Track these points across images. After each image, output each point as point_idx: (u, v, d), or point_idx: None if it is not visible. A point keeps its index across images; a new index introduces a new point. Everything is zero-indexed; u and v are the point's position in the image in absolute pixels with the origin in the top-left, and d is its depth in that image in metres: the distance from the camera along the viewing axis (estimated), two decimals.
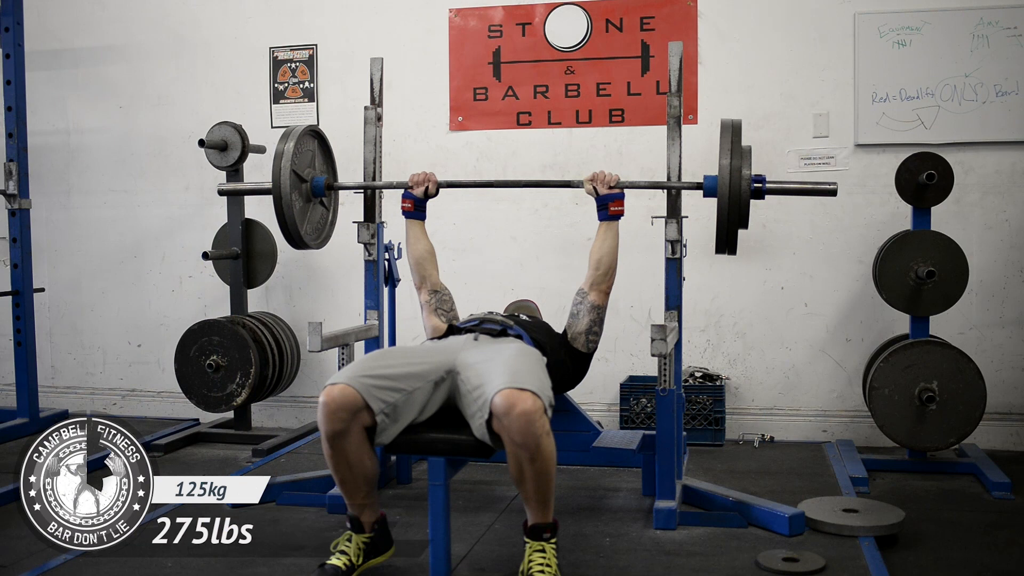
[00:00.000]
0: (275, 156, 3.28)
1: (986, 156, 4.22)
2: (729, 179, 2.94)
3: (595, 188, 3.18)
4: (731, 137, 2.98)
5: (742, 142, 3.04)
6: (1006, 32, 4.14)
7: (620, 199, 3.17)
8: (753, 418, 4.47)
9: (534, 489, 2.54)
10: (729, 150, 2.95)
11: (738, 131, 3.01)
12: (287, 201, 3.25)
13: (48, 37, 5.12)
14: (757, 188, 3.01)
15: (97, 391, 5.21)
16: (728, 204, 2.95)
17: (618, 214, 3.16)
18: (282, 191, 3.24)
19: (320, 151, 3.56)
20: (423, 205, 3.36)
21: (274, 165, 3.26)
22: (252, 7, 4.91)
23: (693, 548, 2.96)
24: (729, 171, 2.93)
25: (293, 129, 3.36)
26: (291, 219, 3.29)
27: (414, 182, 3.33)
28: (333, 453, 2.63)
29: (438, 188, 3.35)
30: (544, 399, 2.51)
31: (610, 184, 3.17)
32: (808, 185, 3.24)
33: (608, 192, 3.16)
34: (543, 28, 4.59)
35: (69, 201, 5.19)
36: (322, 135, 3.58)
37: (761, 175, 3.05)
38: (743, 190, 2.94)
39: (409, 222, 3.37)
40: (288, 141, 3.29)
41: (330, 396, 2.57)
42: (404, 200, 3.35)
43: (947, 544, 3.04)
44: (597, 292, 3.14)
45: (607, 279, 3.14)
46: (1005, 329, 4.25)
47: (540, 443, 2.46)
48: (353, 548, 2.72)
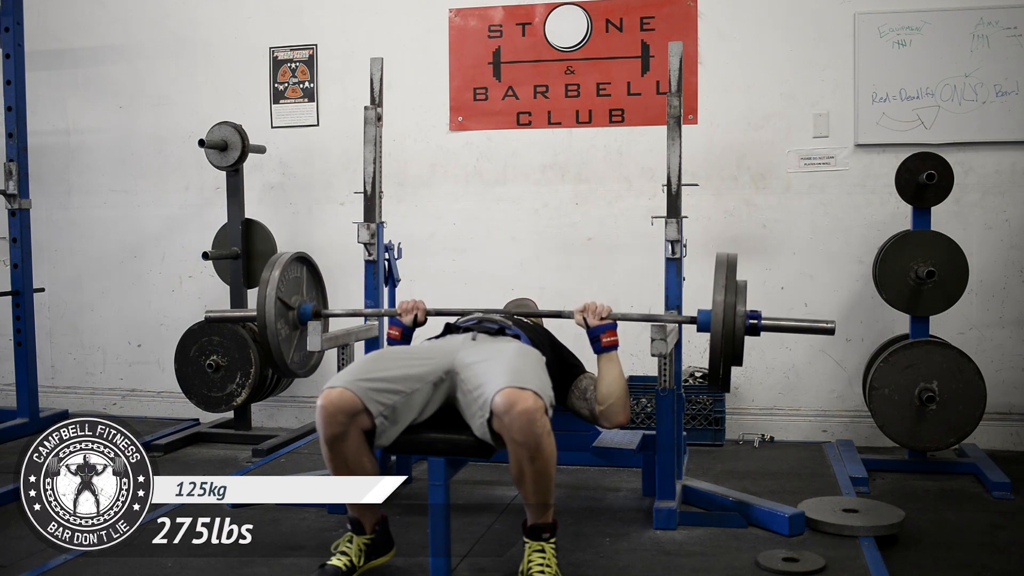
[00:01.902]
0: (260, 284, 3.19)
1: (986, 156, 4.22)
2: (723, 316, 2.79)
3: (585, 320, 2.99)
4: (726, 272, 2.85)
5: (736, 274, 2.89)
6: (1006, 32, 4.14)
7: (612, 329, 2.98)
8: (753, 418, 4.47)
9: (534, 489, 2.54)
10: (724, 286, 2.81)
11: (733, 266, 2.88)
12: (272, 331, 3.16)
13: (48, 37, 5.12)
14: (752, 325, 2.85)
15: (97, 391, 5.21)
16: (722, 341, 2.80)
17: (612, 345, 2.97)
18: (267, 320, 3.15)
19: (308, 276, 3.48)
20: (410, 334, 3.18)
21: (259, 293, 3.18)
22: (252, 7, 4.91)
23: (693, 548, 2.96)
24: (723, 307, 2.79)
25: (279, 257, 3.27)
26: (276, 348, 3.20)
27: (403, 310, 3.17)
28: (332, 456, 2.63)
29: (427, 317, 3.18)
30: (545, 398, 2.51)
31: (601, 315, 2.98)
32: (805, 323, 3.04)
33: (599, 324, 2.97)
34: (543, 28, 4.59)
35: (69, 201, 5.19)
36: (310, 261, 3.49)
37: (756, 311, 2.88)
38: (738, 327, 2.79)
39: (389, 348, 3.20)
40: (274, 269, 3.20)
41: (328, 400, 2.57)
42: (391, 327, 3.19)
43: (947, 544, 3.04)
44: (607, 422, 2.97)
45: (621, 411, 2.94)
46: (1005, 329, 4.25)
47: (541, 442, 2.46)
48: (354, 549, 2.72)
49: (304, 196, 4.89)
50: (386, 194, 3.81)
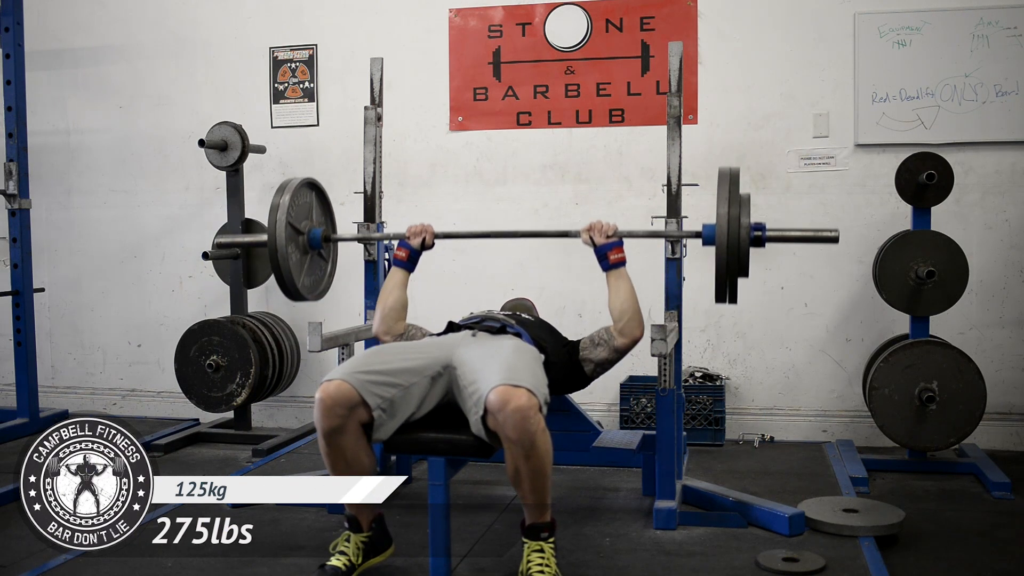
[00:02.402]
0: (270, 209, 3.22)
1: (986, 156, 4.22)
2: (728, 228, 2.83)
3: (592, 238, 3.06)
4: (729, 185, 2.88)
5: (740, 188, 2.94)
6: (1006, 32, 4.14)
7: (619, 247, 3.04)
8: (753, 418, 4.47)
9: (530, 487, 2.54)
10: (727, 198, 2.84)
11: (736, 179, 2.91)
12: (283, 254, 3.19)
13: (48, 37, 5.12)
14: (757, 236, 2.91)
15: (97, 391, 5.21)
16: (727, 254, 2.84)
17: (620, 261, 3.02)
18: (278, 244, 3.18)
19: (318, 202, 3.50)
20: (417, 257, 3.22)
21: (269, 218, 3.20)
22: (252, 7, 4.91)
23: (693, 548, 2.96)
24: (727, 220, 2.82)
25: (289, 182, 3.29)
26: (287, 273, 3.23)
27: (411, 232, 3.22)
28: (330, 450, 2.63)
29: (434, 240, 3.24)
30: (539, 396, 2.50)
31: (607, 233, 3.05)
32: (809, 232, 3.08)
33: (605, 242, 3.04)
34: (543, 28, 4.59)
35: (69, 201, 5.19)
36: (319, 186, 3.50)
37: (761, 223, 2.93)
38: (743, 239, 2.83)
39: (395, 269, 3.23)
40: (284, 194, 3.23)
41: (326, 392, 2.57)
42: (398, 248, 3.22)
43: (947, 544, 3.04)
44: (625, 339, 2.99)
45: (637, 326, 2.97)
46: (1005, 329, 4.25)
47: (535, 440, 2.46)
48: (352, 548, 2.72)
49: None
50: (386, 194, 3.81)
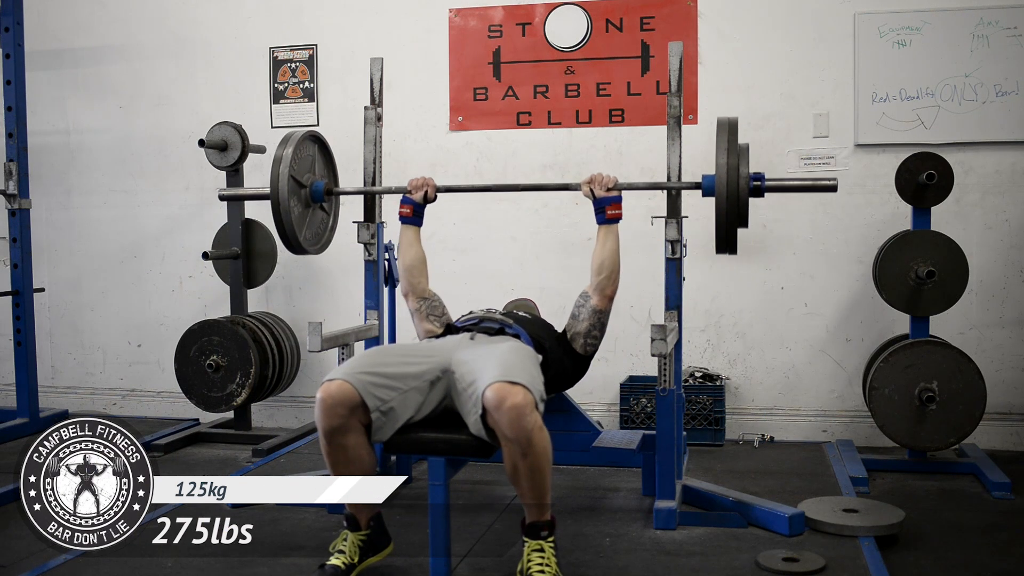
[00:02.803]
0: (273, 161, 3.25)
1: (986, 156, 4.22)
2: (727, 178, 2.89)
3: (592, 191, 3.13)
4: (728, 135, 2.94)
5: (739, 140, 3.01)
6: (1006, 32, 4.14)
7: (618, 202, 3.11)
8: (753, 418, 4.47)
9: (529, 485, 2.54)
10: (726, 148, 2.90)
11: (735, 129, 2.97)
12: (285, 207, 3.22)
13: (48, 37, 5.12)
14: (756, 186, 2.98)
15: (97, 391, 5.21)
16: (727, 203, 2.90)
17: (616, 217, 3.11)
18: (280, 197, 3.21)
19: (320, 155, 3.54)
20: (421, 211, 3.32)
21: (272, 171, 3.23)
22: (252, 7, 4.91)
23: (693, 548, 2.95)
24: (727, 169, 2.88)
25: (292, 134, 3.32)
26: (289, 225, 3.26)
27: (413, 187, 3.29)
28: (331, 450, 2.63)
29: (437, 193, 3.32)
30: (535, 393, 2.50)
31: (608, 186, 3.11)
32: (808, 182, 3.22)
33: (605, 195, 3.10)
34: (543, 28, 4.59)
35: (69, 201, 5.19)
36: (322, 139, 3.55)
37: (760, 173, 3.01)
38: (741, 188, 2.89)
39: (405, 227, 3.33)
40: (287, 147, 3.26)
41: (327, 392, 2.57)
42: (402, 205, 3.31)
43: (947, 544, 3.04)
44: (600, 296, 3.10)
45: (610, 283, 3.10)
46: (1005, 329, 4.25)
47: (532, 437, 2.46)
48: (350, 546, 2.72)
49: None
50: (386, 195, 3.80)
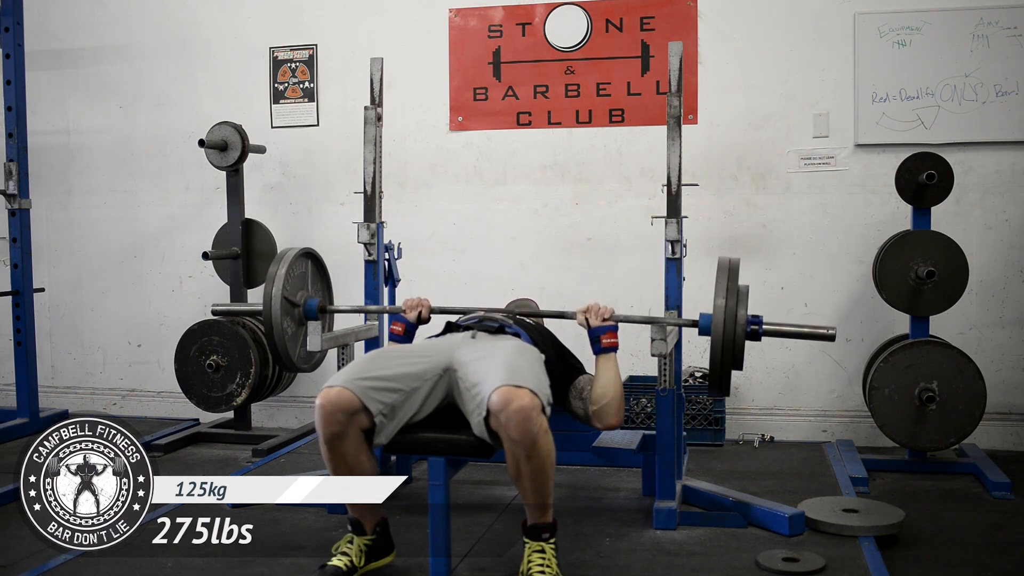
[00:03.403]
0: (266, 280, 3.19)
1: (986, 156, 4.22)
2: (724, 321, 2.78)
3: (587, 320, 3.00)
4: (728, 276, 2.84)
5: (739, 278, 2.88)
6: (1006, 32, 4.14)
7: (614, 331, 2.98)
8: (753, 418, 4.47)
9: (532, 488, 2.54)
10: (725, 290, 2.78)
11: (735, 271, 2.86)
12: (279, 330, 3.16)
13: (48, 37, 5.12)
14: (753, 330, 2.85)
15: (97, 391, 5.21)
16: (722, 346, 2.78)
17: (612, 346, 2.97)
18: (274, 319, 3.15)
19: (314, 271, 3.46)
20: (413, 331, 3.18)
21: (264, 290, 3.17)
22: (252, 7, 4.91)
23: (693, 548, 2.96)
24: (724, 312, 2.77)
25: (286, 253, 3.25)
26: (283, 346, 3.20)
27: (408, 306, 3.18)
28: (332, 456, 2.63)
29: (431, 314, 3.19)
30: (542, 397, 2.51)
31: (603, 316, 2.99)
32: (806, 329, 2.99)
33: (600, 324, 2.98)
34: (543, 28, 4.59)
35: (69, 201, 5.19)
36: (316, 256, 3.46)
37: (758, 316, 2.87)
38: (738, 334, 2.77)
39: (391, 345, 3.19)
40: (280, 266, 3.19)
41: (326, 399, 2.57)
42: (394, 323, 3.19)
43: (947, 544, 3.04)
44: (599, 423, 2.96)
45: (614, 414, 2.91)
46: (1005, 329, 4.25)
47: (537, 441, 2.46)
48: (355, 550, 2.72)
49: (304, 196, 4.89)
50: (386, 194, 3.81)
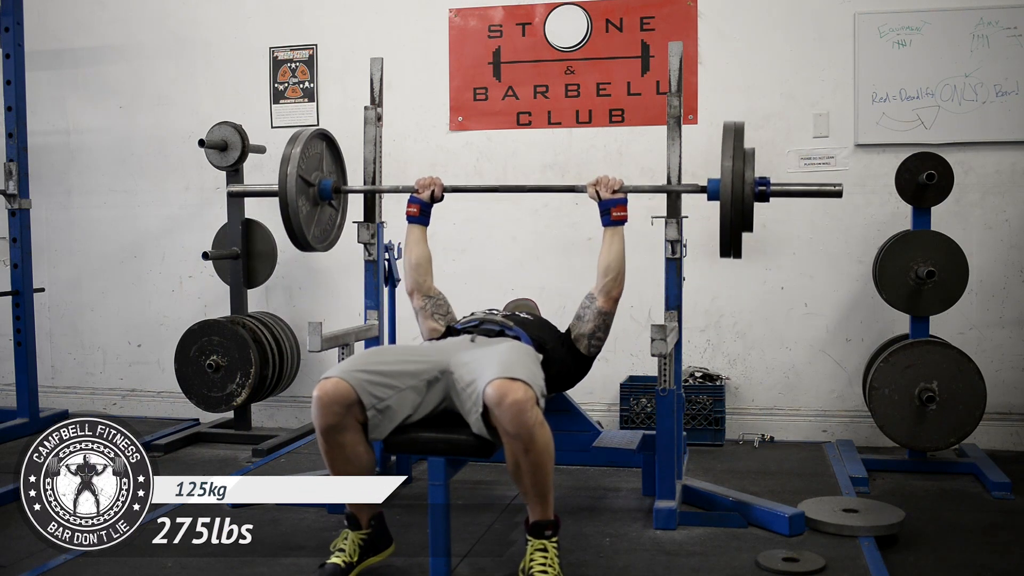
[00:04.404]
0: (282, 160, 3.23)
1: (986, 156, 4.22)
2: (732, 182, 2.88)
3: (598, 192, 3.14)
4: (733, 139, 2.94)
5: (744, 144, 3.01)
6: (1006, 32, 4.14)
7: (623, 204, 3.13)
8: (753, 418, 4.47)
9: (531, 483, 2.55)
10: (731, 153, 2.90)
11: (740, 133, 2.97)
12: (293, 208, 3.21)
13: (48, 37, 5.12)
14: (761, 191, 2.96)
15: (97, 391, 5.21)
16: (731, 207, 2.89)
17: (621, 219, 3.12)
18: (288, 197, 3.20)
19: (328, 153, 3.53)
20: (428, 210, 3.33)
21: (280, 169, 3.22)
22: (252, 7, 4.91)
23: (693, 548, 2.96)
24: (731, 174, 2.87)
25: (301, 133, 3.31)
26: (298, 224, 3.25)
27: (420, 185, 3.30)
28: (328, 448, 2.64)
29: (444, 192, 3.33)
30: (535, 389, 2.51)
31: (613, 188, 3.13)
32: (813, 187, 3.15)
33: (610, 197, 3.12)
34: (543, 28, 4.59)
35: (69, 201, 5.19)
36: (330, 137, 3.53)
37: (765, 178, 3.00)
38: (746, 194, 2.89)
39: (411, 226, 3.34)
40: (295, 146, 3.25)
41: (323, 390, 2.58)
42: (409, 204, 3.32)
43: (947, 544, 3.04)
44: (605, 298, 3.09)
45: (616, 285, 3.10)
46: (1005, 329, 4.25)
47: (534, 433, 2.46)
48: (350, 545, 2.72)
49: None
50: (386, 195, 3.80)
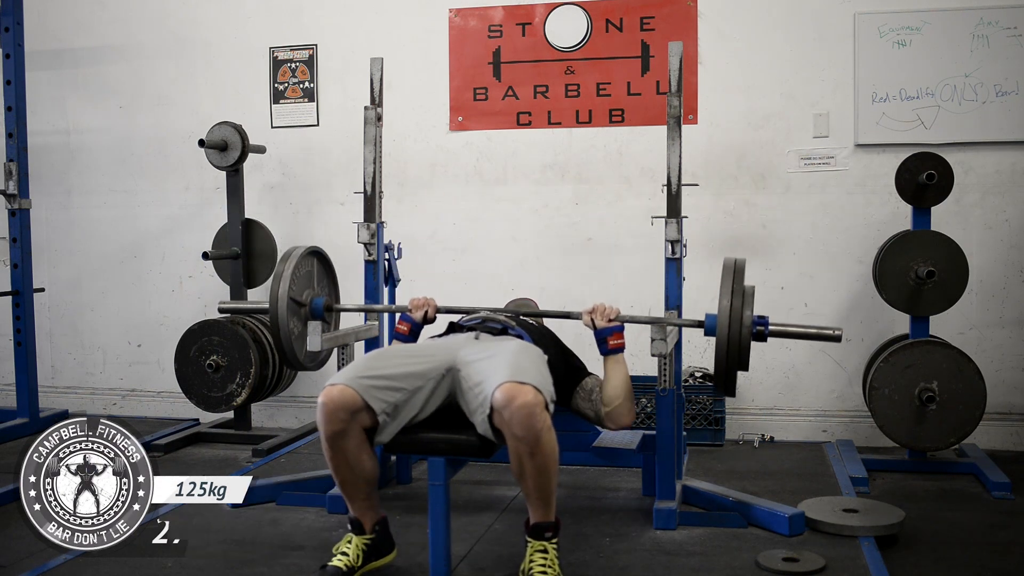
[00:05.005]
0: (272, 279, 3.20)
1: (986, 156, 4.22)
2: (729, 322, 2.77)
3: (593, 321, 3.00)
4: (733, 277, 2.84)
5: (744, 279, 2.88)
6: (1006, 32, 4.14)
7: (620, 332, 3.00)
8: (753, 418, 4.47)
9: (535, 485, 2.55)
10: (731, 291, 2.79)
11: (741, 271, 2.86)
12: (285, 330, 3.16)
13: (48, 37, 5.12)
14: (759, 331, 2.84)
15: (97, 391, 5.21)
16: (727, 347, 2.79)
17: (619, 347, 2.99)
18: (280, 320, 3.15)
19: (320, 270, 3.46)
20: (419, 331, 3.19)
21: (271, 288, 3.18)
22: (252, 7, 4.91)
23: (693, 548, 2.96)
24: (730, 314, 2.76)
25: (292, 252, 3.25)
26: (289, 346, 3.19)
27: (414, 305, 3.19)
28: (333, 454, 2.64)
29: (436, 314, 3.20)
30: (545, 394, 2.51)
31: (609, 317, 2.99)
32: (813, 330, 2.99)
33: (606, 326, 2.99)
34: (543, 28, 4.59)
35: (69, 201, 5.19)
36: (322, 254, 3.46)
37: (764, 317, 2.86)
38: (744, 335, 2.78)
39: (396, 343, 3.19)
40: (287, 266, 3.19)
41: (329, 397, 2.58)
42: (400, 322, 3.20)
43: (947, 544, 3.04)
44: (611, 423, 3.01)
45: (627, 413, 2.98)
46: (1005, 329, 4.25)
47: (541, 437, 2.46)
48: (353, 549, 2.72)
49: (304, 196, 4.89)
50: (386, 194, 3.81)
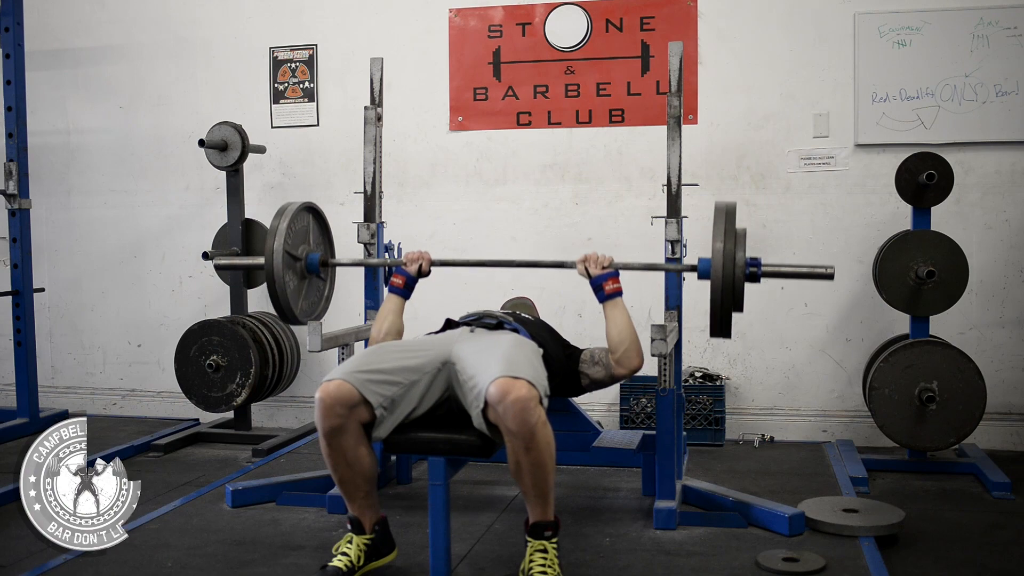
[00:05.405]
0: (267, 234, 3.21)
1: (986, 156, 4.22)
2: (723, 263, 2.79)
3: (587, 269, 3.02)
4: (725, 220, 2.85)
5: (736, 223, 2.89)
6: (1006, 32, 4.14)
7: (615, 276, 3.00)
8: (753, 418, 4.47)
9: (532, 482, 2.55)
10: (723, 233, 2.80)
11: (732, 214, 2.88)
12: (280, 284, 3.17)
13: (48, 37, 5.12)
14: (752, 272, 2.87)
15: (97, 391, 5.21)
16: (722, 289, 2.80)
17: (616, 292, 2.99)
18: (275, 272, 3.16)
19: (315, 226, 3.48)
20: (413, 284, 3.20)
21: (267, 243, 3.19)
22: (252, 7, 4.91)
23: (693, 548, 2.96)
24: (723, 255, 2.79)
25: (287, 206, 3.27)
26: (284, 299, 3.21)
27: (408, 259, 3.20)
28: (331, 451, 2.64)
29: (431, 267, 3.22)
30: (539, 388, 2.51)
31: (603, 265, 3.01)
32: (804, 269, 3.02)
33: (600, 273, 3.00)
34: (543, 28, 4.59)
35: (69, 201, 5.19)
36: (317, 210, 3.47)
37: (756, 259, 2.89)
38: (737, 276, 2.80)
39: (391, 295, 3.21)
40: (281, 220, 3.21)
41: (326, 392, 2.58)
42: (395, 275, 3.21)
43: (947, 544, 3.04)
44: (623, 368, 3.00)
45: (635, 355, 2.98)
46: (1005, 329, 4.25)
47: (535, 431, 2.46)
48: (354, 549, 2.72)
49: (304, 196, 4.84)
50: (386, 194, 3.81)
